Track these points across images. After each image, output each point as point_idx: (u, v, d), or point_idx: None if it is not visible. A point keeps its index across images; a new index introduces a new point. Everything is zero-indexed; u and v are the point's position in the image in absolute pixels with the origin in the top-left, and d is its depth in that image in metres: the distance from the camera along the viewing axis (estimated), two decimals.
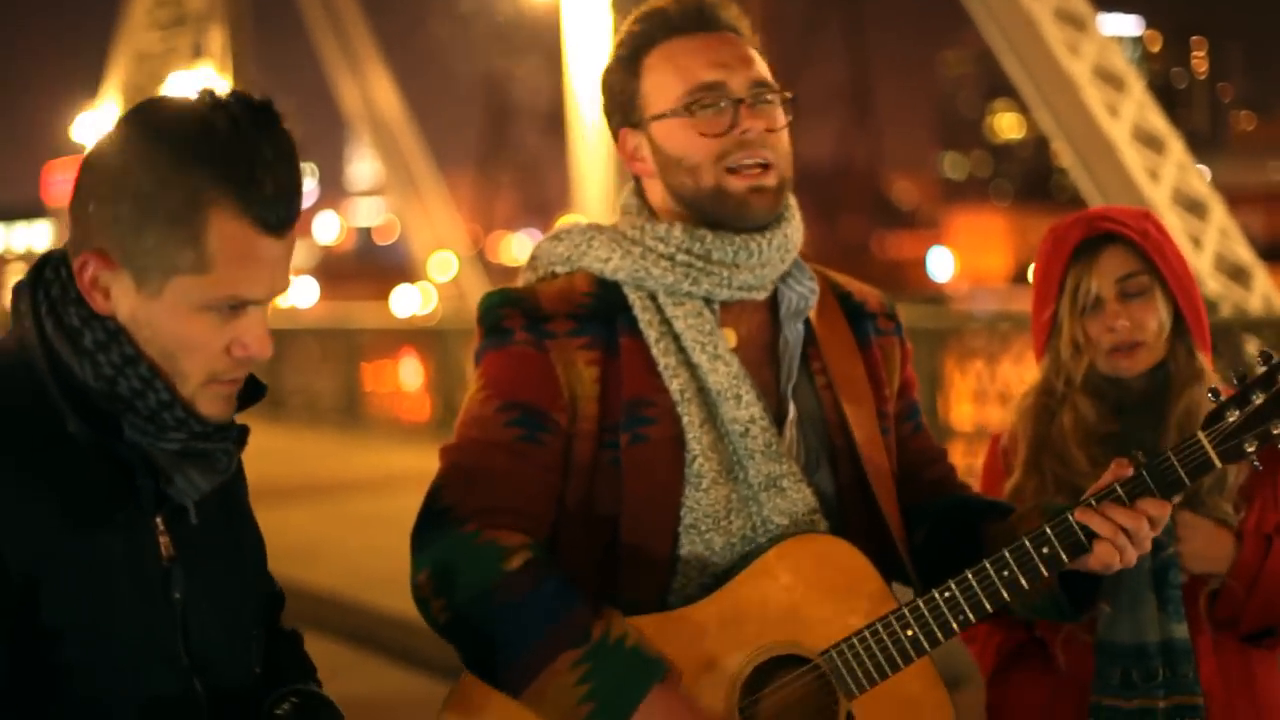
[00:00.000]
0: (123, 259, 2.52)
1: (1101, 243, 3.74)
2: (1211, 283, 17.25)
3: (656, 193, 3.27)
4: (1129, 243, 3.71)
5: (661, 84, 3.20)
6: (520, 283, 3.30)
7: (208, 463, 2.61)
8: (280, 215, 2.55)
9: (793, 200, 3.29)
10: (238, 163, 2.50)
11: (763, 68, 3.24)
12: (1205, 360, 3.74)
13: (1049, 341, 3.81)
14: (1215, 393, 3.10)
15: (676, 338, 3.16)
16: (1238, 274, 17.77)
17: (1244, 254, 17.95)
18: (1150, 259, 3.70)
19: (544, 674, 2.88)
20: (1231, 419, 3.04)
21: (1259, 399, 3.03)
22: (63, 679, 2.48)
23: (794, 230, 3.25)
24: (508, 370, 3.13)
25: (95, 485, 2.52)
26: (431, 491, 3.09)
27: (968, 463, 13.10)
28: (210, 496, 2.65)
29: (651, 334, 3.15)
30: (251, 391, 2.70)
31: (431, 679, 9.88)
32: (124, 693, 2.53)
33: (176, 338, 2.54)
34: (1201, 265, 17.43)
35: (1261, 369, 3.06)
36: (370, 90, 35.25)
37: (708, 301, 3.18)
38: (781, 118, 3.23)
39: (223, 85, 2.63)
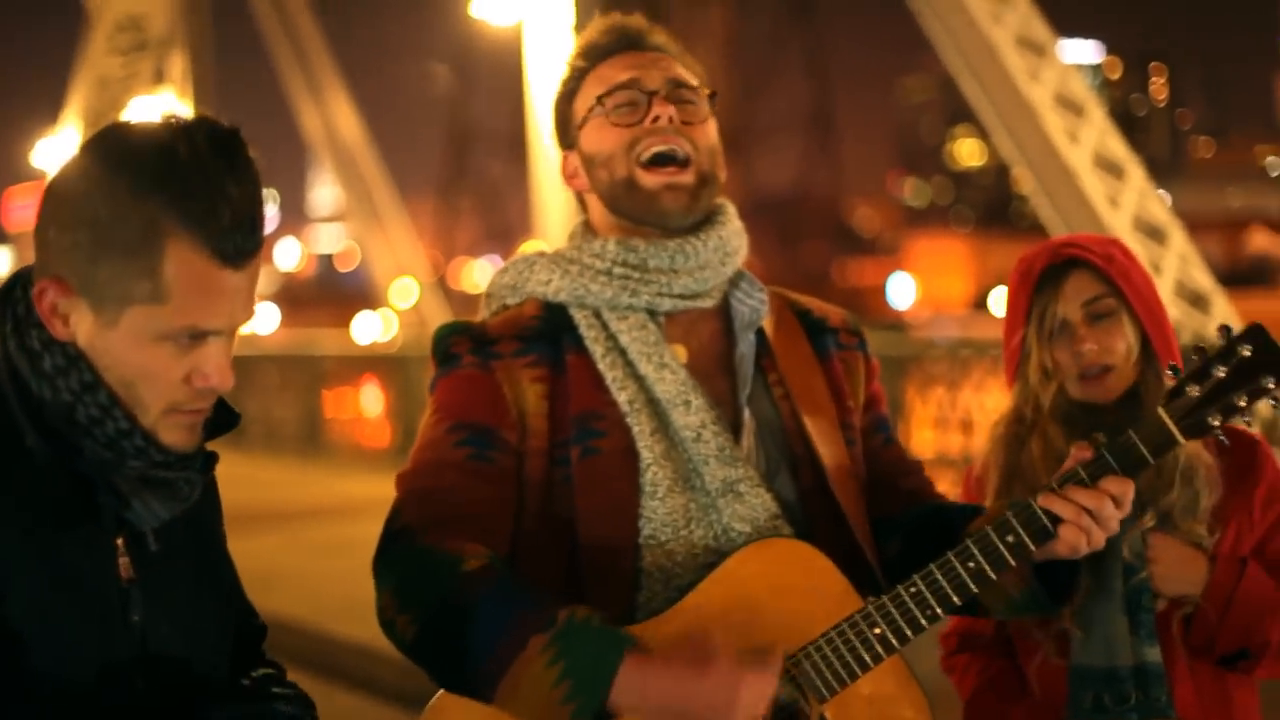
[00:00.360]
0: (80, 287, 2.49)
1: (1066, 268, 3.74)
2: (1171, 309, 17.30)
3: (595, 208, 3.31)
4: (1093, 268, 3.71)
5: (586, 96, 3.27)
6: (479, 319, 3.31)
7: (169, 490, 2.58)
8: (239, 247, 2.50)
9: (730, 207, 3.32)
10: (197, 194, 2.46)
11: (684, 72, 3.28)
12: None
13: (1018, 369, 3.81)
14: (1175, 369, 3.08)
15: (623, 351, 3.17)
16: (1197, 300, 17.84)
17: (1203, 280, 18.03)
18: (1115, 283, 3.70)
19: (515, 664, 2.82)
20: (1193, 394, 3.02)
21: (1220, 372, 3.01)
22: (29, 682, 2.46)
23: (731, 234, 3.26)
24: (456, 393, 3.16)
25: (53, 500, 2.50)
26: (390, 516, 3.08)
27: None
28: (177, 521, 2.62)
29: (597, 349, 3.16)
30: (223, 420, 2.67)
31: (392, 707, 9.85)
32: (79, 708, 2.51)
33: (134, 367, 2.51)
34: (1162, 291, 17.39)
35: (1220, 344, 3.04)
36: (332, 116, 35.26)
37: (652, 314, 3.20)
38: (703, 112, 3.25)
39: (188, 111, 2.60)
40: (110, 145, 2.51)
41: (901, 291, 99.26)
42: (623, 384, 3.13)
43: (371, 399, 27.04)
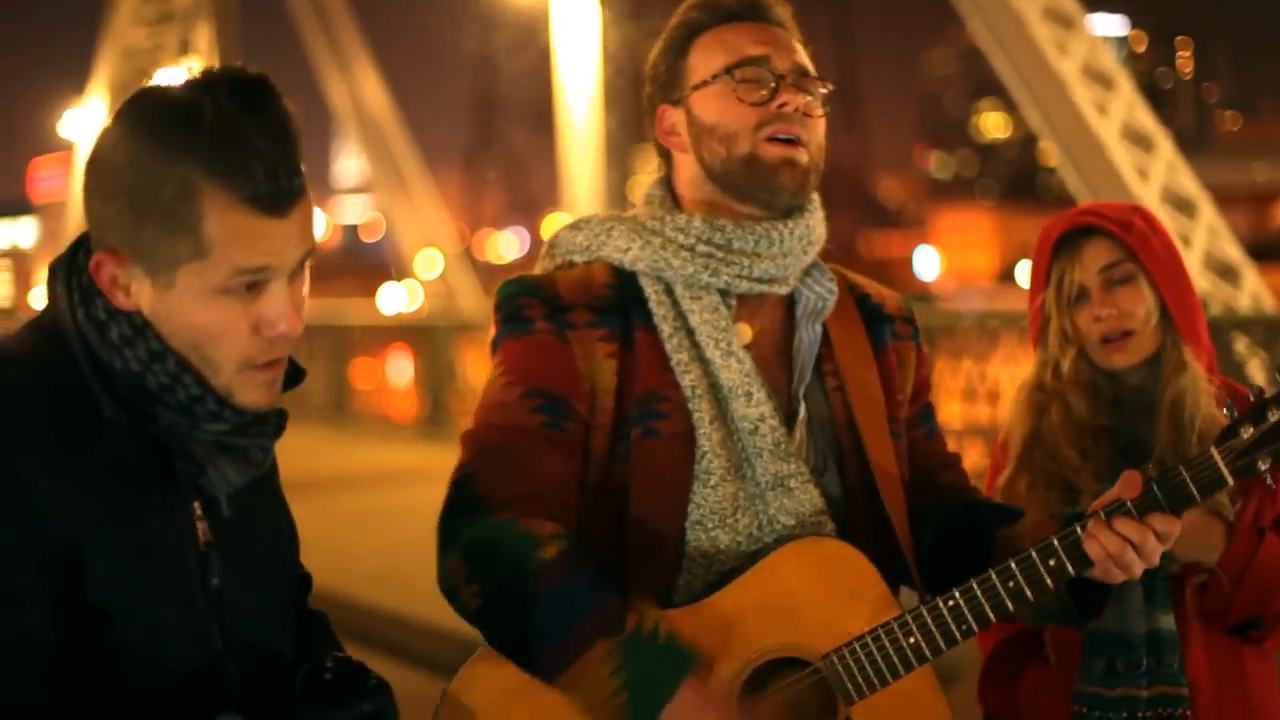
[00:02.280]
0: (132, 254, 2.49)
1: (1085, 235, 3.75)
2: (1201, 281, 17.28)
3: (686, 170, 3.27)
4: (1111, 235, 3.71)
5: (708, 57, 3.22)
6: (538, 270, 3.29)
7: (243, 457, 2.58)
8: (276, 196, 2.49)
9: (816, 197, 3.29)
10: (225, 148, 2.45)
11: (808, 60, 3.26)
12: (1195, 352, 3.73)
13: (1039, 335, 3.81)
14: (1231, 407, 3.09)
15: (691, 332, 3.15)
16: (1226, 272, 17.79)
17: (1233, 252, 17.98)
18: (1133, 250, 3.69)
19: (579, 662, 2.86)
20: (1246, 436, 3.01)
21: (1275, 416, 3.00)
22: (106, 659, 2.47)
23: (816, 223, 3.25)
24: (530, 358, 3.12)
25: (132, 467, 2.50)
26: (459, 480, 3.06)
27: None
28: (245, 485, 2.62)
29: (666, 328, 3.15)
30: (290, 375, 2.67)
31: (422, 674, 9.86)
32: (160, 676, 2.51)
33: (198, 327, 2.51)
34: (1190, 263, 17.44)
35: (1278, 388, 3.04)
36: (358, 87, 35.23)
37: (724, 295, 3.18)
38: (819, 108, 3.23)
39: (214, 65, 2.58)
40: (138, 112, 2.50)
41: (927, 264, 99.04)
42: (687, 367, 3.12)
43: (399, 369, 27.04)
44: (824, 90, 3.24)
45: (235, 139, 2.46)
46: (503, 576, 2.93)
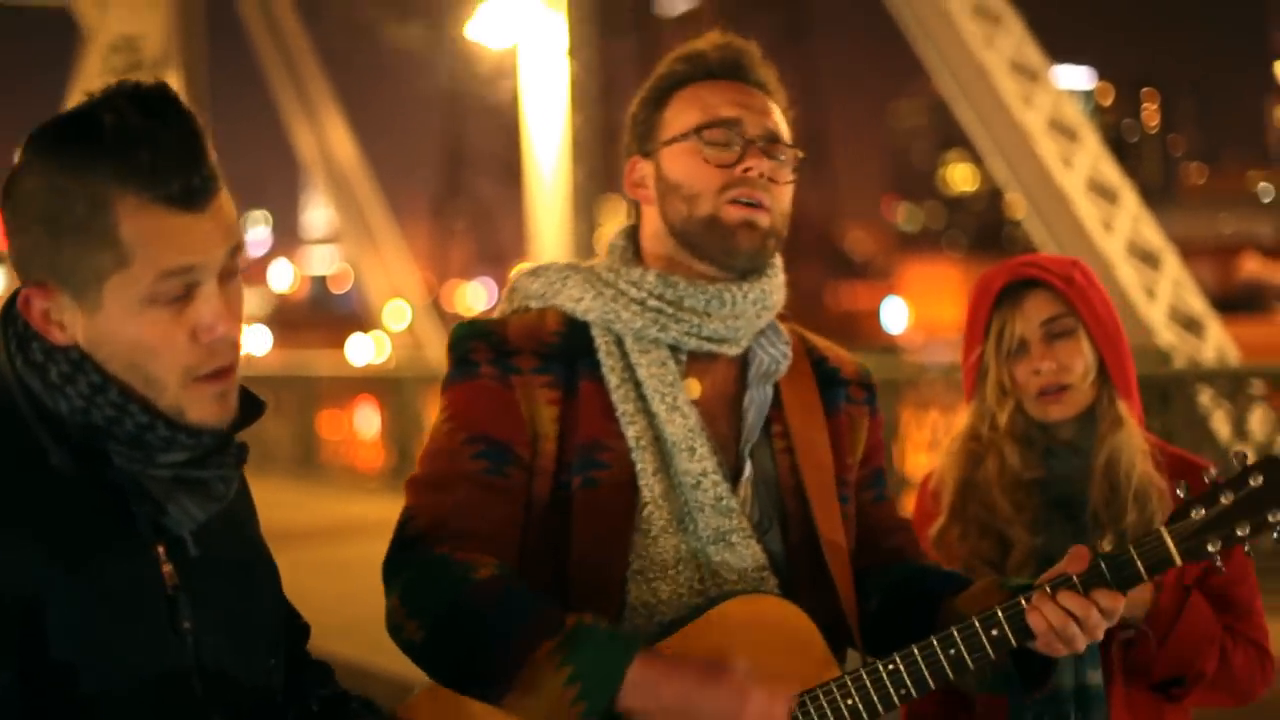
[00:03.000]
0: (57, 281, 2.48)
1: (1026, 287, 3.77)
2: (1166, 333, 17.33)
3: (651, 223, 3.30)
4: (1052, 289, 3.74)
5: (682, 112, 3.25)
6: (497, 313, 3.32)
7: (203, 490, 2.56)
8: (189, 192, 2.47)
9: (778, 261, 3.31)
10: (130, 152, 2.45)
11: (782, 125, 3.28)
12: (1129, 408, 3.76)
13: (976, 386, 3.83)
14: (1186, 487, 3.09)
15: (638, 385, 3.17)
16: (1191, 325, 17.85)
17: (1197, 305, 18.04)
18: (1073, 305, 3.72)
19: (526, 668, 2.85)
20: (1196, 517, 3.03)
21: (1227, 499, 3.03)
22: (82, 712, 2.43)
23: (774, 288, 3.27)
24: (474, 403, 3.15)
25: (87, 515, 2.47)
26: (401, 522, 3.11)
27: None
28: (214, 523, 2.59)
29: (613, 379, 3.17)
30: (249, 409, 2.65)
31: None
32: None
33: (134, 343, 2.49)
34: (1155, 316, 17.51)
35: (1234, 470, 3.06)
36: (326, 138, 35.23)
37: (674, 350, 3.20)
38: (787, 174, 3.25)
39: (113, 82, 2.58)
40: (40, 140, 2.50)
41: (895, 316, 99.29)
42: (632, 418, 3.14)
43: (366, 420, 26.99)
44: (794, 157, 3.26)
45: (138, 141, 2.46)
46: (440, 603, 2.95)
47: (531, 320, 3.24)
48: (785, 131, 3.28)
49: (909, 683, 3.02)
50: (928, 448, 15.36)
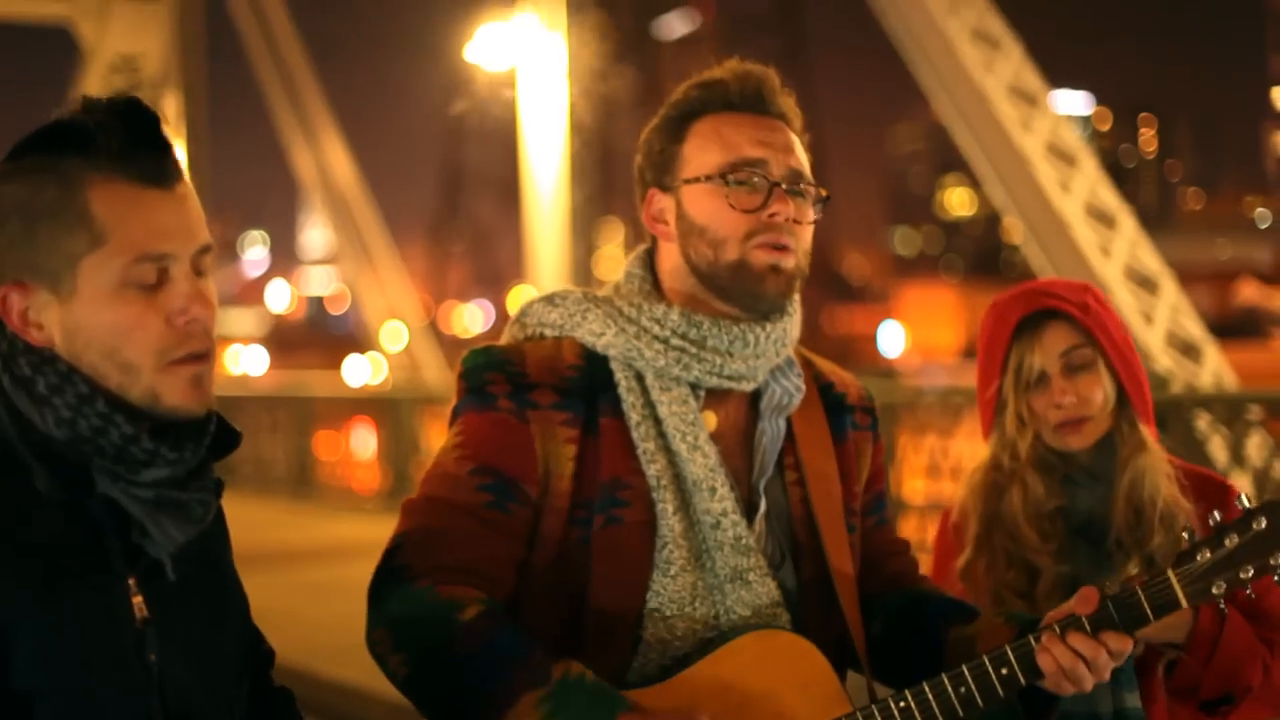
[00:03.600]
0: (32, 276, 2.52)
1: (1043, 318, 3.76)
2: (1163, 359, 17.30)
3: (670, 259, 3.26)
4: (1069, 318, 3.73)
5: (703, 149, 3.21)
6: (505, 338, 3.29)
7: (183, 513, 2.55)
8: (159, 170, 2.55)
9: (796, 298, 3.28)
10: (99, 138, 2.52)
11: (804, 160, 3.25)
12: (1149, 430, 3.76)
13: (995, 418, 3.82)
14: (1191, 533, 3.12)
15: (658, 422, 3.15)
16: (1189, 350, 17.82)
17: (1195, 330, 18.02)
18: (1091, 333, 3.72)
19: (508, 717, 2.84)
20: (1202, 560, 3.06)
21: (1232, 542, 3.06)
22: None
23: (793, 326, 3.25)
24: (487, 434, 3.11)
25: (64, 546, 2.47)
26: (391, 547, 3.08)
27: (920, 537, 13.11)
28: (189, 552, 2.59)
29: (634, 416, 3.14)
30: (224, 439, 2.66)
31: None
32: None
33: (109, 327, 2.51)
34: (1153, 341, 17.49)
35: (1238, 515, 3.09)
36: (325, 158, 35.22)
37: (694, 388, 3.18)
38: (810, 213, 3.24)
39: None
40: (8, 151, 2.56)
41: (892, 340, 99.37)
42: (653, 456, 3.12)
43: (362, 441, 26.98)
44: (817, 194, 3.24)
45: (105, 127, 2.53)
46: (426, 642, 2.93)
47: (549, 351, 3.19)
48: (807, 167, 3.25)
49: (918, 718, 3.01)
50: (925, 472, 15.34)
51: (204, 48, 34.76)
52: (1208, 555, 3.05)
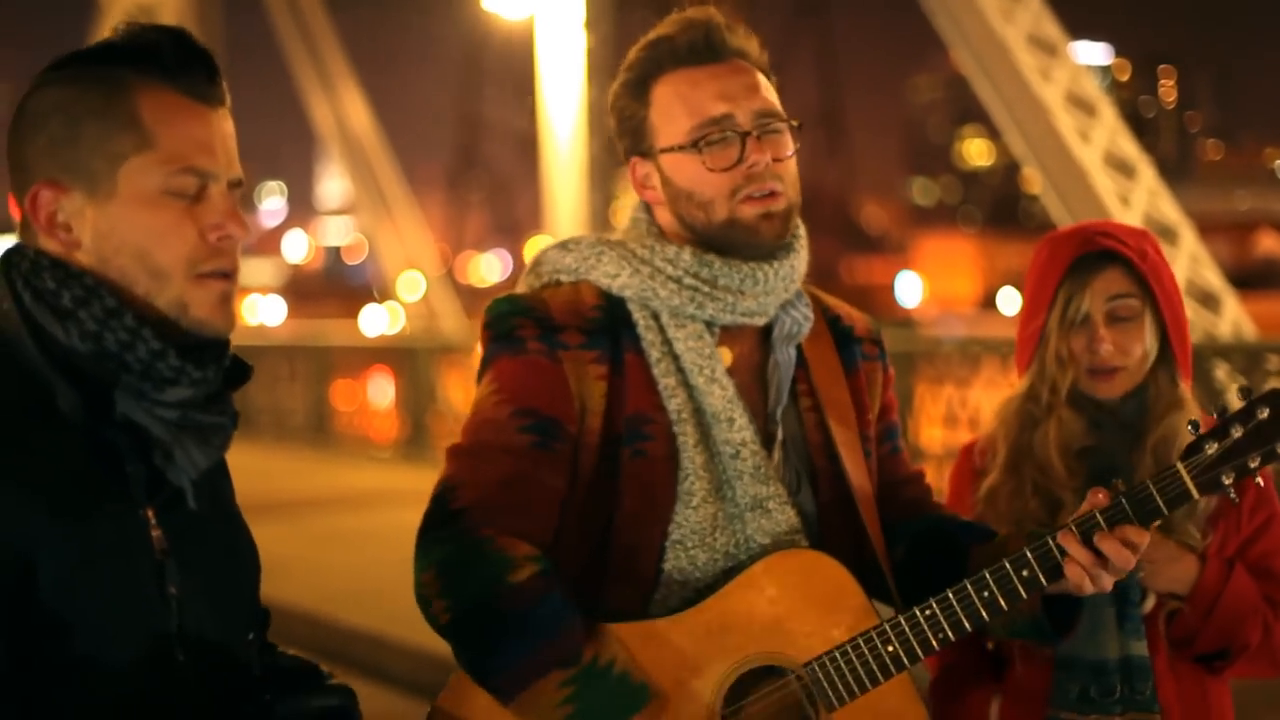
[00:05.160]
0: (70, 176, 2.53)
1: (1098, 260, 3.73)
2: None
3: (665, 219, 3.28)
4: (1126, 263, 3.70)
5: (669, 116, 3.21)
6: (522, 287, 3.31)
7: (203, 437, 2.54)
8: (208, 85, 2.59)
9: (802, 231, 3.30)
10: (148, 46, 2.55)
11: (770, 94, 3.24)
12: (1187, 388, 3.74)
13: (1037, 350, 3.79)
14: (1195, 425, 3.15)
15: (676, 358, 3.18)
16: (1207, 300, 17.80)
17: (1214, 280, 18.00)
18: (1146, 281, 3.69)
19: (532, 688, 2.93)
20: (1210, 451, 3.10)
21: (1237, 433, 3.09)
22: (63, 675, 2.41)
23: (800, 260, 3.27)
24: (522, 377, 3.14)
25: (84, 471, 2.46)
26: (440, 493, 3.10)
27: (938, 485, 13.10)
28: (203, 490, 2.58)
29: (654, 353, 3.18)
30: (237, 371, 2.67)
31: (400, 695, 9.86)
32: (121, 690, 2.46)
33: (144, 229, 2.53)
34: None
35: (1241, 404, 3.12)
36: (342, 108, 35.18)
37: (709, 325, 3.20)
38: (789, 145, 3.23)
39: None
40: (50, 65, 2.59)
41: (909, 290, 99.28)
42: (673, 391, 3.15)
43: (380, 391, 27.01)
44: (791, 126, 3.23)
45: (155, 41, 2.57)
46: (472, 594, 2.97)
47: (568, 295, 3.21)
48: (775, 101, 3.24)
49: (946, 627, 3.08)
50: (942, 421, 15.36)
51: None
52: (1215, 447, 3.09)
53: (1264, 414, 3.09)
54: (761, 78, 3.25)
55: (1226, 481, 3.09)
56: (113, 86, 2.52)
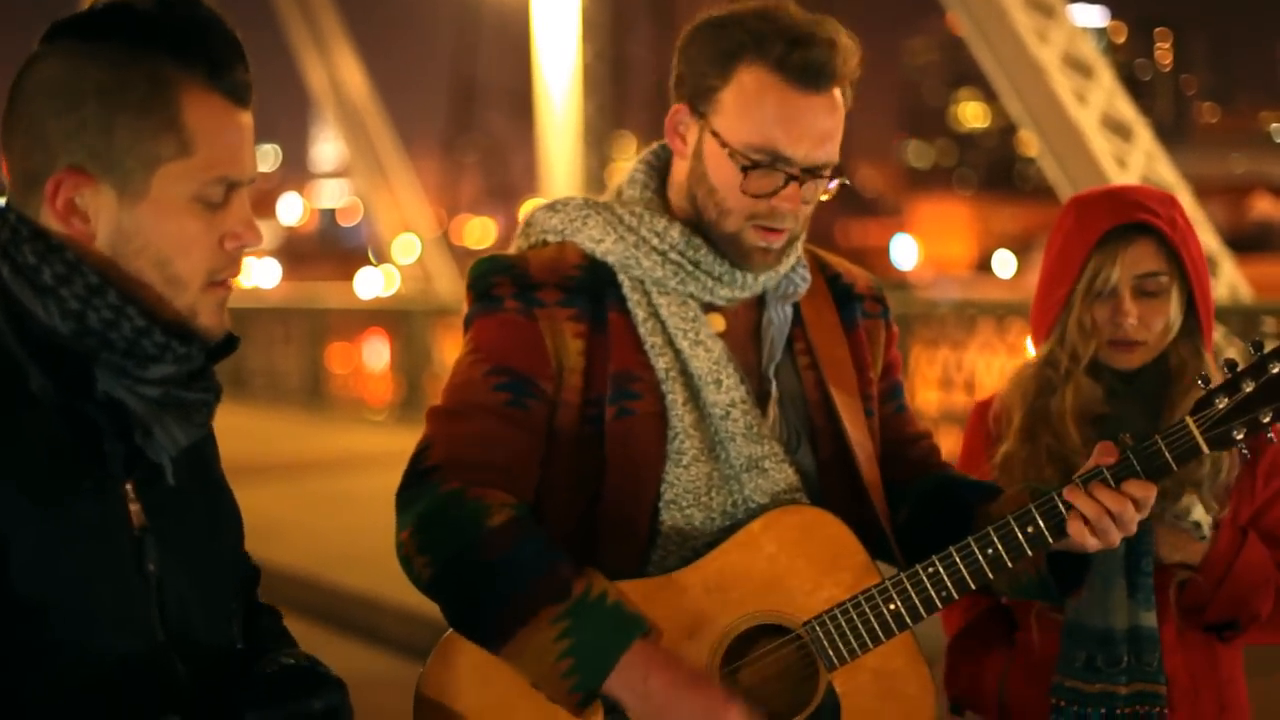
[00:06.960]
0: (100, 168, 2.40)
1: (1128, 231, 3.67)
2: None
3: (680, 174, 3.22)
4: (1158, 235, 3.65)
5: (741, 111, 3.10)
6: (513, 248, 3.29)
7: (186, 414, 2.47)
8: (244, 85, 2.48)
9: (799, 241, 3.25)
10: (190, 36, 2.42)
11: (835, 146, 3.14)
12: (1210, 359, 3.71)
13: (1059, 317, 3.74)
14: (1205, 379, 3.10)
15: (662, 321, 3.16)
16: (1206, 263, 17.81)
17: (1211, 243, 17.94)
18: (1176, 251, 3.65)
19: (524, 630, 2.88)
20: (1220, 406, 3.05)
21: (1249, 387, 3.04)
22: (40, 657, 2.35)
23: (786, 265, 3.22)
24: (497, 336, 3.13)
25: (60, 448, 2.37)
26: (418, 451, 3.09)
27: None
28: (182, 463, 2.51)
29: (640, 313, 3.15)
30: (222, 344, 2.57)
31: (395, 657, 9.88)
32: (100, 671, 2.39)
33: (170, 238, 2.43)
34: None
35: (1253, 357, 3.06)
36: (336, 70, 35.13)
37: (692, 296, 3.17)
38: (820, 192, 3.17)
39: None
40: (81, 24, 2.44)
41: (905, 253, 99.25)
42: (661, 350, 3.13)
43: (375, 353, 27.02)
44: (830, 183, 3.16)
45: (194, 27, 2.44)
46: (451, 546, 2.96)
47: (551, 254, 3.19)
48: (836, 151, 3.15)
49: (949, 584, 3.05)
50: (938, 384, 15.36)
51: None
52: (1225, 401, 3.04)
53: (1276, 368, 3.04)
54: (839, 125, 3.15)
55: (1238, 436, 3.04)
56: (157, 84, 2.39)
